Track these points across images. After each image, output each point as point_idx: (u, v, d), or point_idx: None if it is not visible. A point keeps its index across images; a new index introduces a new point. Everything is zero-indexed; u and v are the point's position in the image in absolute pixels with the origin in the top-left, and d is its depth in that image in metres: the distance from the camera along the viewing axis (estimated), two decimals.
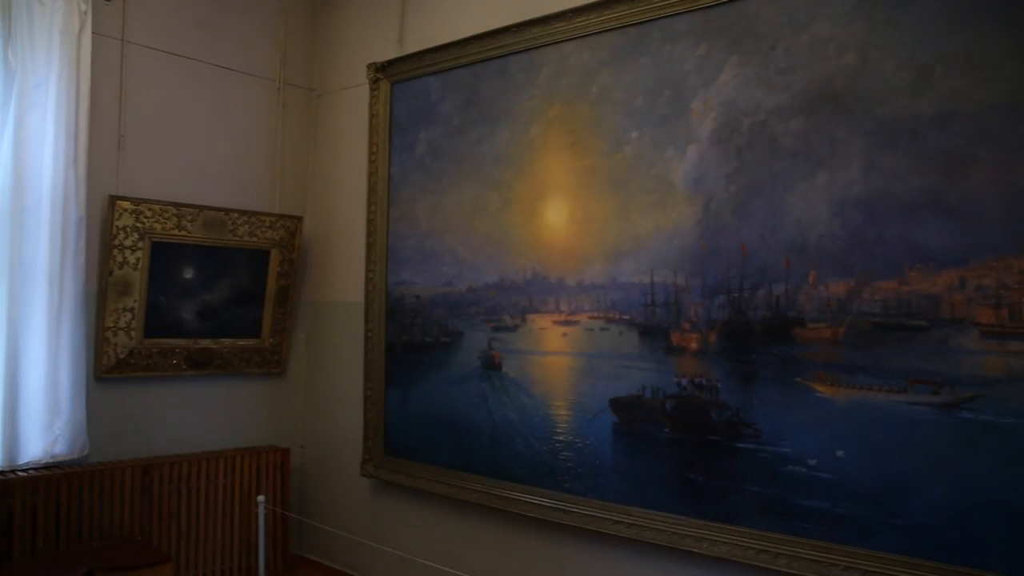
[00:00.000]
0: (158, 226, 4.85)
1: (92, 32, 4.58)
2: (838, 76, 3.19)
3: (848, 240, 3.15)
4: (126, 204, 4.71)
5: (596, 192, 3.99)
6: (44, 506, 4.31)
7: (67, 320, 4.46)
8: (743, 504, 3.40)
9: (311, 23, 5.93)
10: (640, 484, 3.76)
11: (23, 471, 4.35)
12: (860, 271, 3.12)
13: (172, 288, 5.05)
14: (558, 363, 4.14)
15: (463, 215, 4.61)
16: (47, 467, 4.42)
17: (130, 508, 4.67)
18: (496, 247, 4.44)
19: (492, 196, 4.46)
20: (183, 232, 4.98)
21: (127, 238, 4.73)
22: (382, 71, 5.12)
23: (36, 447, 4.41)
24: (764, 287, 3.39)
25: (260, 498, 4.89)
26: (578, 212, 4.07)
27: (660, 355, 3.73)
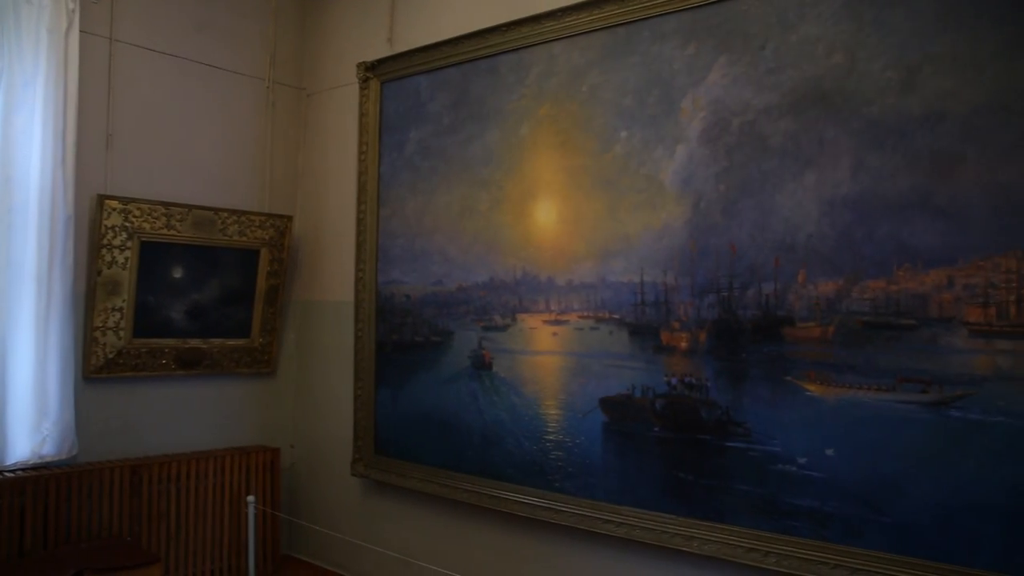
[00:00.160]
0: (147, 225, 4.83)
1: (80, 31, 4.56)
2: (827, 76, 3.20)
3: (837, 239, 3.16)
4: (114, 203, 4.69)
5: (586, 191, 3.99)
6: (32, 507, 4.29)
7: (55, 320, 4.44)
8: (733, 503, 3.41)
9: (301, 22, 5.92)
10: (630, 483, 3.76)
11: (11, 472, 4.32)
12: (849, 270, 3.13)
13: (161, 288, 5.03)
14: (548, 362, 4.14)
15: (453, 214, 4.61)
16: (35, 468, 4.40)
17: (119, 509, 4.65)
18: (486, 246, 4.44)
19: (482, 195, 4.46)
20: (172, 231, 4.96)
21: (116, 238, 4.71)
22: (372, 70, 5.11)
23: (24, 448, 4.39)
24: (754, 286, 3.39)
25: (250, 498, 4.87)
26: (568, 211, 4.07)
27: (650, 354, 3.73)
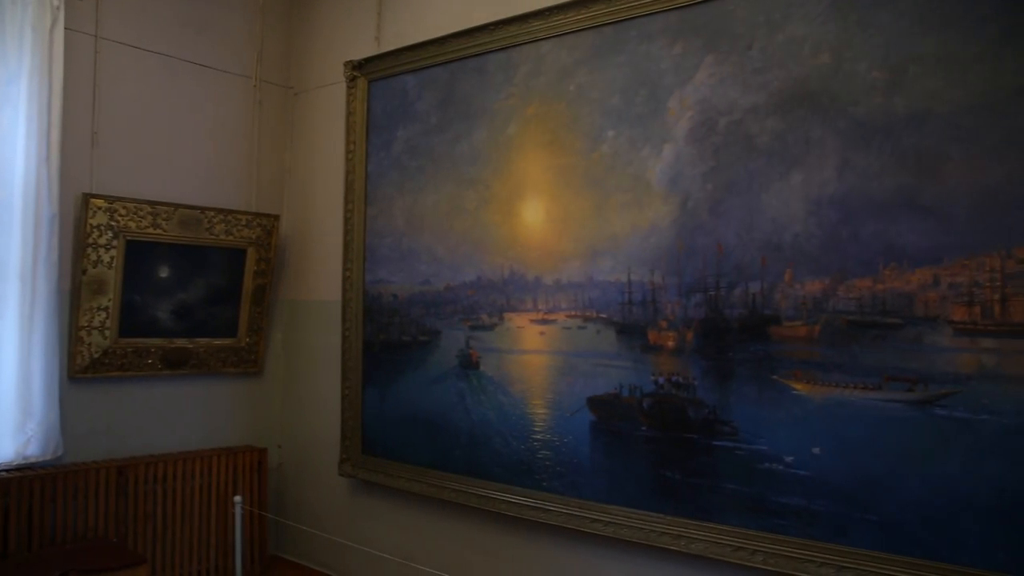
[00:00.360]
0: (133, 224, 4.80)
1: (65, 28, 4.53)
2: (813, 76, 3.21)
3: (823, 239, 3.17)
4: (100, 202, 4.66)
5: (573, 191, 3.99)
6: (16, 508, 4.26)
7: (40, 320, 4.41)
8: (720, 502, 3.42)
9: (288, 20, 5.90)
10: (618, 482, 3.77)
11: None
12: (835, 269, 3.14)
13: (147, 287, 5.01)
14: (536, 362, 4.14)
15: (440, 213, 4.60)
16: (19, 468, 4.37)
17: (105, 509, 4.63)
18: (473, 246, 4.43)
19: (469, 195, 4.45)
20: (158, 231, 4.94)
21: (101, 236, 4.69)
22: (359, 69, 5.10)
23: (8, 448, 4.35)
24: (740, 285, 3.40)
25: (237, 498, 4.85)
26: (555, 211, 4.07)
27: (637, 353, 3.74)
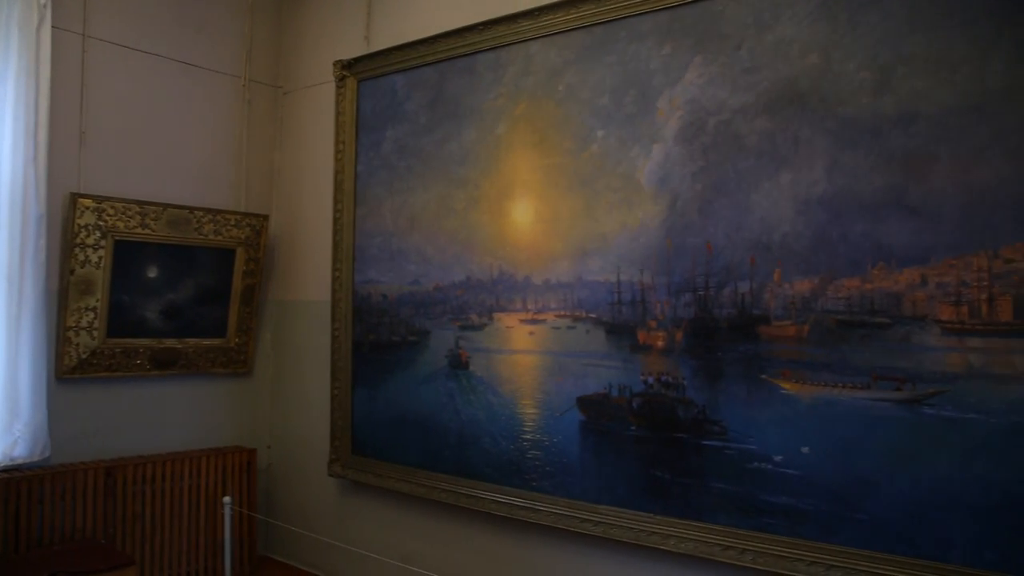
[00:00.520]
0: (121, 224, 4.78)
1: (52, 26, 4.50)
2: (802, 76, 3.22)
3: (812, 238, 3.18)
4: (88, 202, 4.64)
5: (562, 191, 3.99)
6: (3, 510, 4.24)
7: (27, 320, 4.38)
8: (709, 501, 3.42)
9: (277, 19, 5.89)
10: (607, 482, 3.77)
11: None
12: (824, 269, 3.15)
13: (136, 287, 4.98)
14: (525, 362, 4.14)
15: (430, 213, 4.60)
16: (6, 470, 4.34)
17: (93, 511, 4.60)
18: (463, 246, 4.43)
19: (459, 195, 4.45)
20: (147, 230, 4.92)
21: (89, 236, 4.66)
22: (348, 68, 5.09)
23: None
24: (730, 285, 3.41)
25: (226, 499, 4.83)
26: (544, 211, 4.07)
27: (626, 353, 3.74)
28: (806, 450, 3.16)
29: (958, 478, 2.83)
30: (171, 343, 5.18)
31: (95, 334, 4.78)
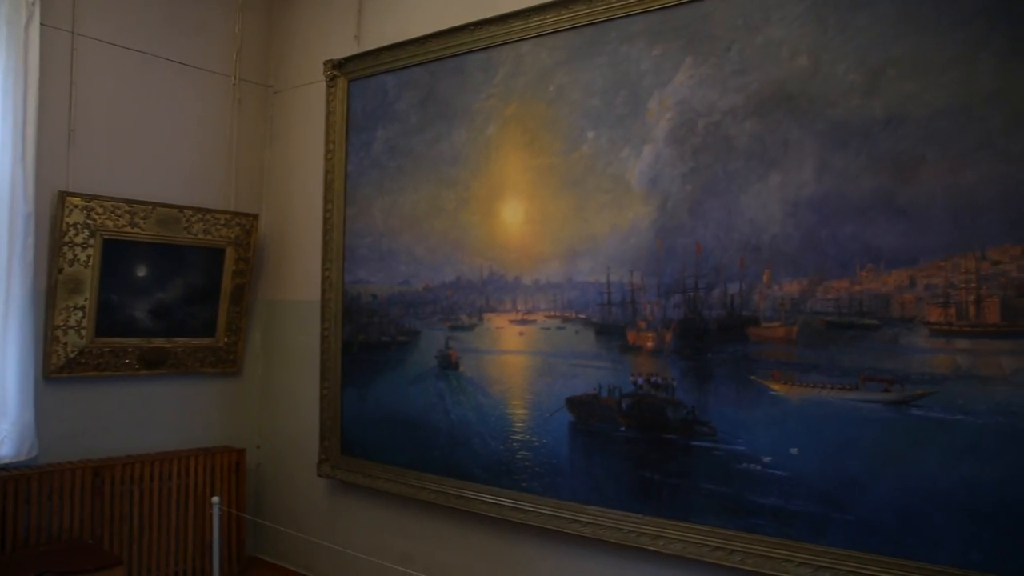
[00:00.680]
0: (110, 223, 4.76)
1: (40, 24, 4.47)
2: (791, 78, 3.23)
3: (801, 240, 3.19)
4: (76, 200, 4.62)
5: (553, 191, 3.99)
6: None
7: (14, 319, 4.35)
8: (698, 502, 3.43)
9: (268, 19, 5.87)
10: (597, 483, 3.77)
11: None
12: (813, 271, 3.16)
13: (125, 286, 4.96)
14: (515, 362, 4.14)
15: (420, 214, 4.59)
16: None
17: (80, 511, 4.58)
18: (453, 246, 4.43)
19: (449, 195, 4.45)
20: (136, 229, 4.90)
21: (78, 235, 4.64)
22: (339, 68, 5.08)
23: None
24: (719, 286, 3.42)
25: (215, 499, 4.81)
26: (535, 211, 4.07)
27: (616, 354, 3.75)
28: (795, 451, 3.17)
29: (946, 479, 2.84)
30: (160, 342, 5.16)
31: (83, 333, 4.76)
